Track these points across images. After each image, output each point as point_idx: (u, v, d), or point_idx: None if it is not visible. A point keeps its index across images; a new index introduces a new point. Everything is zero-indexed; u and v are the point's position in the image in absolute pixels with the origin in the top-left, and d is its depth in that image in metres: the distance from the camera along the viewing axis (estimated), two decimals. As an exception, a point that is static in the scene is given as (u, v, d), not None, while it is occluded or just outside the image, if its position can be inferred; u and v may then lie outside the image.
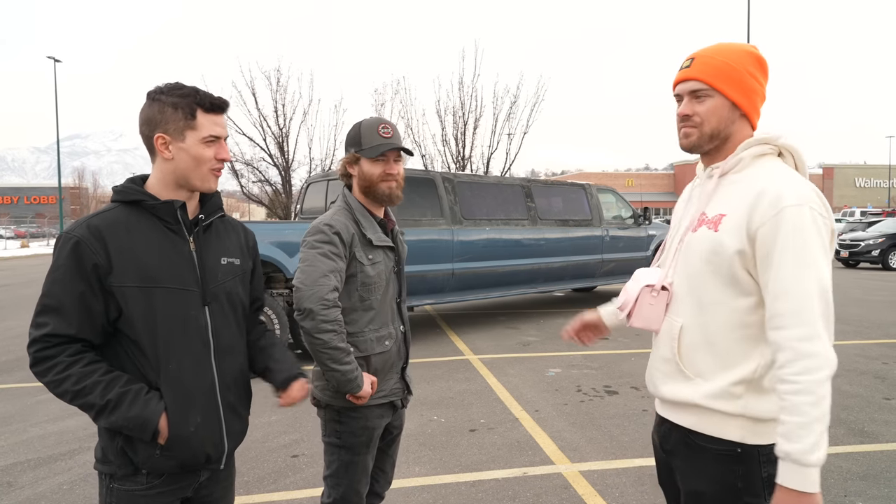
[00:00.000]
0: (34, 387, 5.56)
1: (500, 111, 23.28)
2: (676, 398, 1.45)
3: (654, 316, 1.50)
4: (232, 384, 1.59)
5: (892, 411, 4.57)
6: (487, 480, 3.41)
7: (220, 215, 1.62)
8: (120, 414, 1.38)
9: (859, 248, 17.91)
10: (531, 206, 8.58)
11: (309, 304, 1.81)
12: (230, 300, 1.60)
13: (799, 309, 1.26)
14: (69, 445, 4.03)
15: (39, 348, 1.39)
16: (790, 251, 1.27)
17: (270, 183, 23.57)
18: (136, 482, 1.46)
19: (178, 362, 1.47)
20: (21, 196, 73.54)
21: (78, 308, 1.39)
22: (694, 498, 1.44)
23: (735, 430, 1.38)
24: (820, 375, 1.23)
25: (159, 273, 1.45)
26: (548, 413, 4.58)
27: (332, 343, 1.82)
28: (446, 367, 6.04)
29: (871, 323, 8.19)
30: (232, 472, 1.70)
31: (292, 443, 3.99)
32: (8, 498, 3.27)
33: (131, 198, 1.48)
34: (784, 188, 1.32)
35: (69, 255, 1.39)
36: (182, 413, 1.46)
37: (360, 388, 1.87)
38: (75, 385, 1.37)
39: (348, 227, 1.94)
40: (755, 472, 1.38)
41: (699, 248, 1.42)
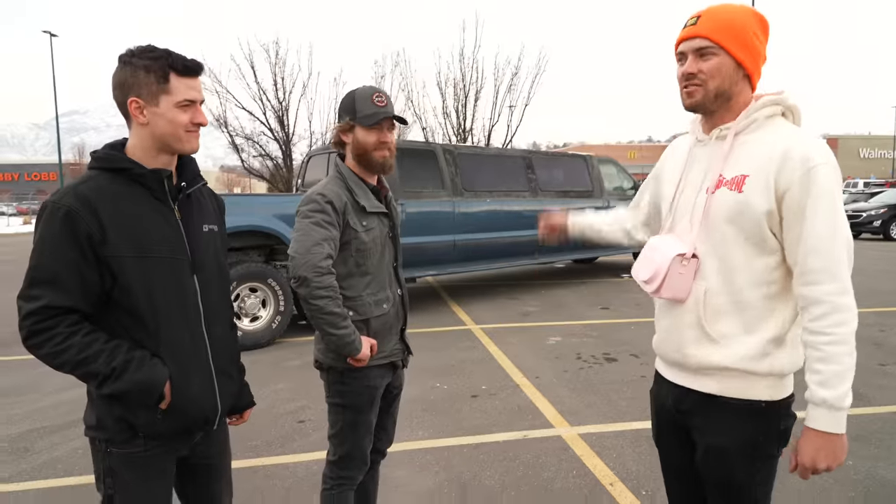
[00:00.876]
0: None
1: (502, 83, 23.08)
2: (707, 363, 1.46)
3: (683, 285, 1.48)
4: (221, 349, 1.62)
5: (886, 376, 4.66)
6: (489, 443, 3.51)
7: (201, 184, 1.62)
8: (126, 380, 1.39)
9: (861, 219, 17.88)
10: (532, 177, 8.59)
11: (303, 272, 1.86)
12: (215, 267, 1.61)
13: (832, 266, 1.33)
14: (80, 413, 4.12)
15: (36, 321, 1.36)
16: (821, 210, 1.32)
17: (271, 157, 23.50)
18: (134, 445, 1.48)
19: (176, 330, 1.49)
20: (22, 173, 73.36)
21: (73, 278, 1.37)
22: (716, 453, 1.48)
23: (763, 389, 1.44)
24: (852, 327, 1.33)
25: (152, 243, 1.45)
26: (548, 379, 4.68)
27: (327, 308, 1.88)
28: (449, 337, 6.14)
29: (870, 291, 8.27)
30: (226, 428, 1.75)
31: (298, 409, 4.10)
32: (26, 462, 3.39)
33: (116, 165, 1.46)
34: (809, 148, 1.35)
35: (61, 224, 1.36)
36: (183, 378, 1.49)
37: (358, 350, 1.93)
38: (78, 355, 1.37)
39: (341, 195, 1.98)
40: (774, 425, 1.46)
41: (722, 209, 1.42)
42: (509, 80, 23.00)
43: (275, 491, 2.99)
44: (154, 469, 1.52)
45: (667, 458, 1.70)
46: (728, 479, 1.48)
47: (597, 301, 7.98)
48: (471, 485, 3.01)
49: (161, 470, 1.54)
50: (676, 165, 1.61)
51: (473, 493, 2.93)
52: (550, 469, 3.16)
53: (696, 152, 1.55)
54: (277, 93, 22.26)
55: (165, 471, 1.56)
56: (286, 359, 5.42)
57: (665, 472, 1.72)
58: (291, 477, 3.13)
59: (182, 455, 1.59)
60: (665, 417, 1.65)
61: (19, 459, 3.42)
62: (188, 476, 1.65)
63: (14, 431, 3.84)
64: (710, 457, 1.50)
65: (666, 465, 1.71)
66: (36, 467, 3.32)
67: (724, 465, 1.48)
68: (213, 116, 21.79)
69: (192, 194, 1.59)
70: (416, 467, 3.22)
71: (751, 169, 1.40)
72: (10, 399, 4.49)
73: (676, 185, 1.57)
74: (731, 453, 1.46)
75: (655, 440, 1.72)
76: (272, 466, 3.26)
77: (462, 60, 22.89)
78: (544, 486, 2.99)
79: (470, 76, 22.95)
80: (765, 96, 1.47)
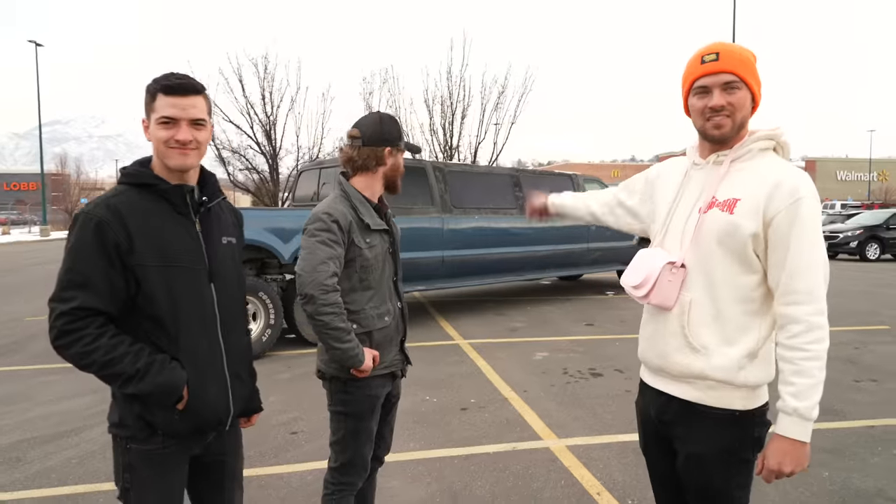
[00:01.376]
0: (33, 369, 5.66)
1: (488, 101, 23.38)
2: (688, 371, 1.56)
3: (670, 293, 1.57)
4: (236, 354, 1.72)
5: (859, 392, 4.83)
6: (479, 454, 3.60)
7: (221, 198, 1.72)
8: (149, 381, 1.49)
9: (838, 240, 18.31)
10: (519, 195, 8.74)
11: (310, 289, 1.96)
12: (232, 276, 1.72)
13: (811, 288, 1.45)
14: (74, 424, 4.15)
15: (68, 321, 1.45)
16: (805, 237, 1.45)
17: (258, 171, 23.50)
18: (152, 443, 1.57)
19: (194, 335, 1.59)
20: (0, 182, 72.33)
21: (103, 283, 1.47)
22: (695, 460, 1.59)
23: (738, 399, 1.55)
24: (825, 345, 1.45)
25: (174, 253, 1.56)
26: (535, 393, 4.78)
27: (332, 324, 1.97)
28: (438, 351, 6.23)
29: (847, 311, 8.50)
30: (239, 431, 1.84)
31: (291, 420, 4.15)
32: (18, 472, 3.40)
33: (143, 181, 1.57)
34: (799, 181, 1.48)
35: (92, 234, 1.47)
36: (199, 381, 1.59)
37: (361, 362, 2.03)
38: (105, 356, 1.46)
39: (346, 214, 2.08)
40: (749, 432, 1.56)
41: (712, 228, 1.53)
42: (496, 98, 23.32)
43: (270, 500, 3.05)
44: (169, 466, 1.61)
45: (653, 466, 1.80)
46: (707, 484, 1.59)
47: (582, 317, 8.12)
48: (462, 494, 3.10)
49: (176, 467, 1.63)
50: (672, 186, 1.71)
51: (464, 503, 3.01)
52: (539, 479, 3.26)
53: (692, 175, 1.67)
54: (265, 107, 22.30)
55: (179, 469, 1.64)
56: (277, 371, 5.46)
57: (652, 479, 1.83)
58: (286, 487, 3.19)
59: (195, 454, 1.68)
60: (650, 428, 1.75)
61: (12, 469, 3.44)
62: (202, 474, 1.73)
63: (5, 442, 3.85)
64: (691, 464, 1.61)
65: (652, 473, 1.81)
66: (30, 476, 3.34)
67: (702, 471, 1.59)
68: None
69: (213, 208, 1.69)
70: (409, 478, 3.29)
71: (743, 194, 1.52)
72: (2, 409, 4.49)
73: (671, 204, 1.68)
74: (708, 460, 1.57)
75: (643, 450, 1.83)
76: (266, 477, 3.31)
77: (450, 78, 23.18)
78: (534, 495, 3.08)
79: (457, 94, 23.23)
80: (760, 130, 1.59)
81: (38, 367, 5.71)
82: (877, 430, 4.00)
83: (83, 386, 5.03)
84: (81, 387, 5.01)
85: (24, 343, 6.79)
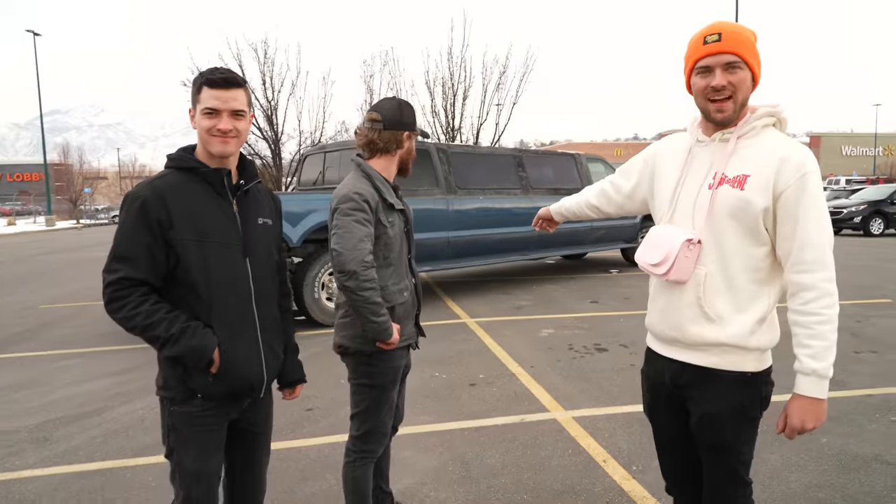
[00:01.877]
0: (51, 354, 5.81)
1: (490, 81, 23.29)
2: (704, 340, 1.65)
3: (687, 268, 1.64)
4: (269, 325, 1.85)
5: (860, 363, 4.94)
6: (489, 426, 3.72)
7: (256, 182, 1.86)
8: (182, 344, 1.63)
9: (842, 216, 18.33)
10: (523, 175, 8.81)
11: (352, 266, 2.05)
12: (266, 255, 1.85)
13: (822, 257, 1.54)
14: (96, 405, 4.29)
15: (114, 290, 1.63)
16: (813, 209, 1.53)
17: (260, 156, 23.55)
18: (192, 405, 1.72)
19: (227, 304, 1.72)
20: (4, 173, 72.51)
21: (146, 257, 1.63)
22: (709, 418, 1.69)
23: (751, 361, 1.66)
24: (836, 309, 1.56)
25: (210, 230, 1.70)
26: (542, 368, 4.90)
27: (372, 299, 2.08)
28: (445, 330, 6.35)
29: (850, 285, 8.59)
30: (271, 400, 1.96)
31: (305, 398, 4.28)
32: (47, 450, 3.54)
33: (186, 165, 1.73)
34: (804, 156, 1.56)
35: (137, 212, 1.63)
36: (231, 346, 1.72)
37: (391, 336, 2.14)
38: (145, 320, 1.62)
39: (373, 194, 2.18)
40: (758, 392, 1.68)
41: (724, 204, 1.60)
42: (497, 78, 23.23)
43: (290, 471, 3.18)
44: (208, 428, 1.74)
45: (660, 430, 1.91)
46: (719, 440, 1.70)
47: (586, 295, 8.23)
48: (473, 463, 3.22)
49: (214, 430, 1.76)
50: (676, 162, 1.76)
51: (476, 470, 3.14)
52: (547, 448, 3.38)
53: (696, 151, 1.72)
54: (266, 92, 22.32)
55: (218, 431, 1.77)
56: (288, 352, 5.59)
57: (658, 442, 1.93)
58: (304, 459, 3.32)
59: (232, 419, 1.82)
60: (662, 393, 1.83)
61: (41, 448, 3.58)
62: (237, 440, 1.86)
63: (31, 422, 3.99)
64: (705, 422, 1.71)
65: (659, 437, 1.92)
66: (58, 454, 3.48)
67: (715, 428, 1.70)
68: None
69: (250, 191, 1.83)
70: (421, 449, 3.42)
71: (752, 170, 1.59)
72: (24, 392, 4.63)
73: (678, 179, 1.74)
74: (722, 418, 1.68)
75: (649, 415, 1.92)
76: (285, 450, 3.44)
77: (451, 59, 23.08)
78: (542, 463, 3.21)
79: (458, 75, 23.15)
80: (762, 107, 1.66)
81: (54, 353, 5.85)
82: (875, 398, 4.11)
83: (101, 369, 5.18)
84: (100, 370, 5.16)
85: (38, 331, 6.93)
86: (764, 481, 2.97)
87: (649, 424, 1.95)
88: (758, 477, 3.01)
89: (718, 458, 1.73)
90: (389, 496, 2.62)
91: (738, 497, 1.74)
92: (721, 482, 1.74)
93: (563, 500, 2.84)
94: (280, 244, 1.96)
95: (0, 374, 5.17)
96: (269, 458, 2.02)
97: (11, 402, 4.42)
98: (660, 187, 1.82)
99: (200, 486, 1.74)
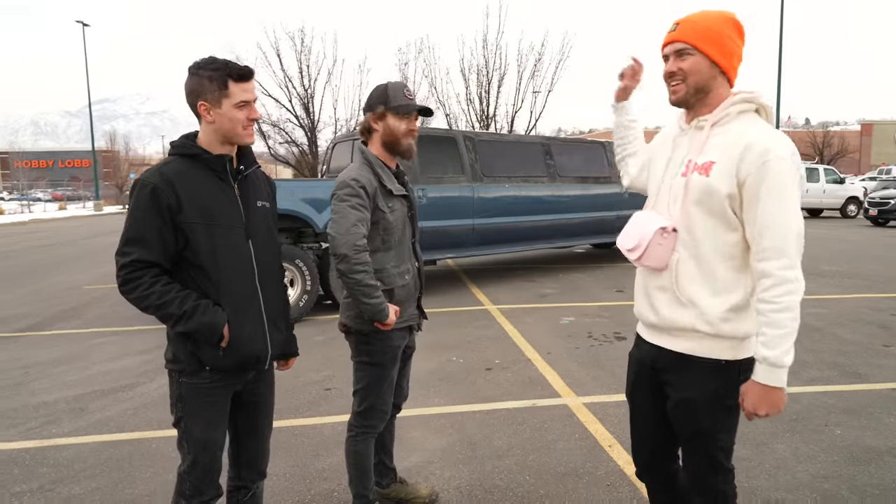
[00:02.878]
0: (91, 332, 6.11)
1: (525, 69, 23.18)
2: (676, 324, 1.68)
3: (662, 255, 1.68)
4: (272, 302, 1.96)
5: (888, 357, 4.82)
6: (500, 410, 3.80)
7: (255, 167, 1.96)
8: (195, 321, 1.74)
9: (889, 206, 17.63)
10: (550, 163, 8.78)
11: (344, 249, 2.14)
12: (266, 235, 1.95)
13: (780, 244, 1.53)
14: (129, 380, 4.53)
15: (128, 271, 1.73)
16: (774, 195, 1.52)
17: (297, 144, 23.95)
18: (200, 377, 1.83)
19: (234, 283, 1.83)
20: (56, 160, 75.35)
21: (156, 239, 1.73)
22: (685, 404, 1.73)
23: (725, 350, 1.66)
24: (796, 297, 1.53)
25: (216, 213, 1.80)
26: (559, 355, 4.95)
27: (364, 281, 2.17)
28: (466, 316, 6.43)
29: (888, 278, 8.31)
30: (272, 373, 2.08)
31: (325, 378, 4.43)
32: (83, 420, 3.77)
33: (190, 151, 1.82)
34: (771, 143, 1.55)
35: (148, 197, 1.73)
36: (238, 322, 1.83)
37: (387, 316, 2.23)
38: (158, 300, 1.73)
39: (371, 180, 2.25)
40: (734, 380, 1.66)
41: (693, 191, 1.64)
42: (533, 66, 23.11)
43: (303, 447, 3.32)
44: (214, 398, 1.86)
45: (637, 413, 1.95)
46: (695, 427, 1.73)
47: (612, 284, 8.19)
48: (480, 444, 3.31)
49: (220, 400, 1.88)
50: (664, 151, 1.82)
51: (482, 451, 3.23)
52: (555, 432, 3.44)
53: (678, 140, 1.78)
54: (303, 80, 22.67)
55: (223, 402, 1.90)
56: (313, 335, 5.76)
57: (634, 426, 1.97)
58: (318, 436, 3.46)
59: (237, 390, 1.94)
60: (643, 374, 1.88)
61: (77, 418, 3.81)
62: (239, 408, 1.99)
63: (69, 394, 4.24)
64: (681, 408, 1.75)
65: (635, 420, 1.96)
66: (92, 424, 3.70)
67: (692, 414, 1.73)
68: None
69: (249, 176, 1.93)
70: (432, 429, 3.52)
71: (718, 157, 1.61)
72: (63, 367, 4.91)
73: (664, 168, 1.79)
74: (698, 405, 1.71)
75: (630, 397, 1.96)
76: (300, 427, 3.59)
77: (486, 47, 23.02)
78: (548, 446, 3.27)
79: (493, 62, 23.08)
80: (739, 93, 1.68)
81: (95, 331, 6.16)
82: (899, 392, 4.03)
83: (136, 347, 5.44)
84: (134, 347, 5.42)
85: (82, 309, 7.29)
86: (770, 471, 2.97)
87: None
88: (763, 466, 3.02)
89: (696, 445, 1.76)
90: (393, 472, 2.72)
91: (718, 483, 1.76)
92: (700, 469, 1.77)
93: (564, 482, 2.90)
94: (276, 224, 2.06)
95: (46, 349, 5.49)
96: (272, 429, 2.14)
97: (53, 375, 4.70)
98: (651, 175, 1.86)
99: (207, 453, 1.87)
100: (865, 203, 19.03)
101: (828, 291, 7.51)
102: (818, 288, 7.70)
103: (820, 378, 4.28)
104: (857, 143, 57.75)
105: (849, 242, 12.90)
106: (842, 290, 7.65)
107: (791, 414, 3.61)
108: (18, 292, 8.58)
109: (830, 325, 5.81)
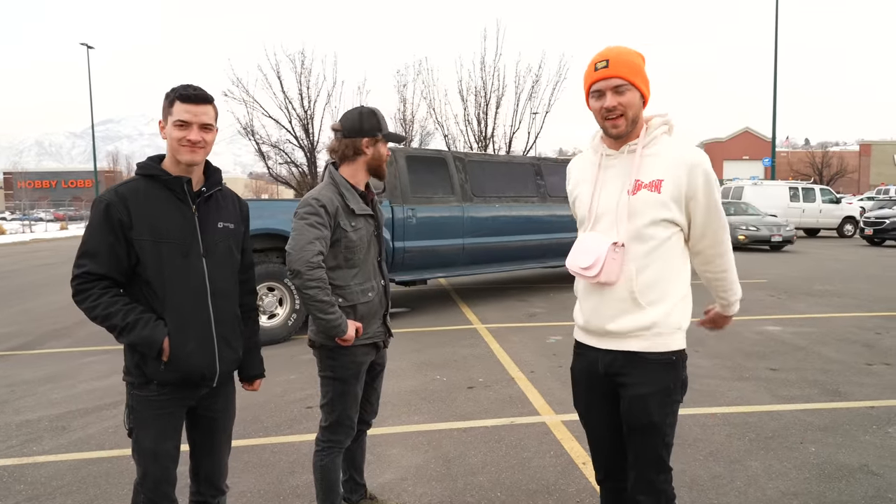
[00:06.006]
0: (80, 351, 6.16)
1: (522, 90, 23.41)
2: (637, 326, 1.81)
3: (615, 269, 1.81)
4: (226, 321, 2.00)
5: (869, 375, 4.84)
6: (477, 427, 3.82)
7: (218, 188, 2.02)
8: (135, 334, 1.81)
9: (884, 226, 17.68)
10: (541, 183, 8.87)
11: (297, 265, 2.21)
12: (224, 255, 2.00)
13: (722, 234, 1.86)
14: (113, 398, 4.56)
15: (79, 282, 1.83)
16: (714, 199, 1.81)
17: (296, 164, 24.13)
18: (149, 390, 1.89)
19: (179, 299, 1.88)
20: (59, 180, 75.92)
21: (108, 254, 1.81)
22: (639, 400, 1.82)
23: (675, 341, 1.84)
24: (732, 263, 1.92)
25: (167, 231, 1.87)
26: (542, 373, 4.97)
27: (317, 297, 2.22)
28: (454, 335, 6.46)
29: (877, 297, 8.34)
30: (231, 391, 2.11)
31: (307, 396, 4.45)
32: (63, 438, 3.80)
33: (149, 172, 1.91)
34: (702, 157, 1.80)
35: (101, 214, 1.81)
36: (181, 338, 1.88)
37: (344, 332, 2.27)
38: (104, 311, 1.81)
39: (333, 199, 2.32)
40: (680, 376, 1.86)
41: (645, 206, 1.78)
42: (530, 87, 23.32)
43: (280, 464, 3.34)
44: (165, 411, 1.91)
45: (592, 422, 2.01)
46: (648, 419, 1.82)
47: (603, 304, 8.20)
48: (455, 461, 3.33)
49: (170, 413, 1.93)
50: (588, 178, 1.94)
51: (456, 468, 3.25)
52: (530, 450, 3.46)
53: (606, 164, 1.90)
54: (303, 101, 22.90)
55: (175, 415, 1.94)
56: (299, 353, 5.79)
57: (591, 435, 2.04)
58: (296, 453, 3.48)
59: (191, 405, 1.98)
60: (595, 382, 1.94)
61: (58, 436, 3.84)
62: (195, 424, 2.04)
63: (53, 413, 4.27)
64: (635, 403, 1.83)
65: (591, 428, 2.03)
66: (72, 442, 3.73)
67: (645, 408, 1.82)
68: (241, 125, 22.54)
69: (213, 197, 1.99)
70: (408, 447, 3.54)
71: (664, 174, 1.79)
72: (49, 385, 4.95)
73: (591, 191, 1.90)
74: (650, 400, 1.82)
75: (583, 408, 2.02)
76: (280, 444, 3.61)
77: (483, 68, 23.28)
78: (522, 464, 3.29)
79: (491, 84, 23.33)
80: (654, 118, 1.86)
81: (84, 349, 6.20)
82: (878, 410, 4.04)
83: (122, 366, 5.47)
84: (121, 366, 5.45)
85: (73, 328, 7.33)
86: (740, 488, 2.99)
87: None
88: (734, 483, 3.04)
89: (645, 441, 1.83)
90: (363, 488, 2.75)
91: (659, 482, 1.85)
92: (646, 467, 1.85)
93: (535, 499, 2.92)
94: (243, 245, 2.11)
95: (33, 368, 5.53)
96: (230, 445, 2.17)
97: (38, 394, 4.73)
98: (578, 200, 2.00)
99: (157, 465, 1.91)
100: (861, 222, 19.09)
101: (816, 311, 7.54)
102: (807, 307, 7.73)
103: (800, 396, 4.30)
104: (857, 164, 58.03)
105: (844, 262, 12.99)
106: (830, 308, 7.68)
107: (768, 431, 3.62)
108: (10, 311, 8.65)
109: (815, 344, 5.84)
